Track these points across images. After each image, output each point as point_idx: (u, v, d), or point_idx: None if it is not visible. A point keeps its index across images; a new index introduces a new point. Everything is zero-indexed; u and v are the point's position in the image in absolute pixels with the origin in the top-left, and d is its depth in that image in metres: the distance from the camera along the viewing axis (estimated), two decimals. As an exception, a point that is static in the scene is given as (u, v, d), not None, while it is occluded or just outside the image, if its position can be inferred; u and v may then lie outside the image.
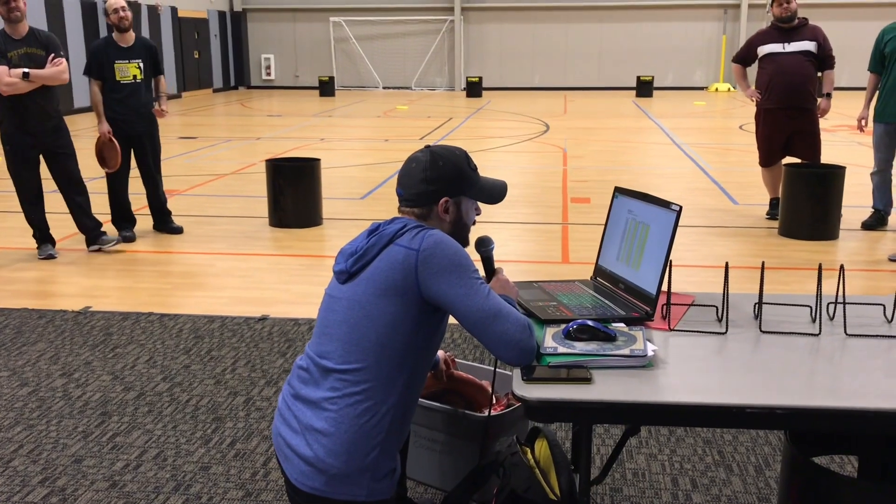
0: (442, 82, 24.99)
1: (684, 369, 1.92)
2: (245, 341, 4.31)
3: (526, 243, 6.38)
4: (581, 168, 9.80)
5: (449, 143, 2.22)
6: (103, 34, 17.94)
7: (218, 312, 4.77)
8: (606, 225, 2.53)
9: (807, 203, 6.31)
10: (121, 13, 6.17)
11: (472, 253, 2.26)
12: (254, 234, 6.64)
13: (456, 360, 2.78)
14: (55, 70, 5.62)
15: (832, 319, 2.24)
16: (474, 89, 21.73)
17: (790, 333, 2.13)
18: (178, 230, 6.66)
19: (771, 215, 6.99)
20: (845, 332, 2.13)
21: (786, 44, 6.61)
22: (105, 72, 6.19)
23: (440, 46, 24.74)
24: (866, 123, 6.71)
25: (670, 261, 2.17)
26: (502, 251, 5.96)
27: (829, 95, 6.75)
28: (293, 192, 6.82)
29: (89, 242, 6.09)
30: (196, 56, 22.41)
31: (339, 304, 2.03)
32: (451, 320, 4.23)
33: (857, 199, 7.46)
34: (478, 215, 2.22)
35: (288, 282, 5.38)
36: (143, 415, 3.48)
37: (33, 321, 4.64)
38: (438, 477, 2.75)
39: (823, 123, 7.02)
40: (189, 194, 8.28)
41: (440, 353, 2.65)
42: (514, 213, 7.28)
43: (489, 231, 6.44)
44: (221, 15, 24.15)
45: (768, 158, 6.89)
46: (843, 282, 2.23)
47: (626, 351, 1.93)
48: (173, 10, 20.98)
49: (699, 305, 2.35)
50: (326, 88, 22.27)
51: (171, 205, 6.83)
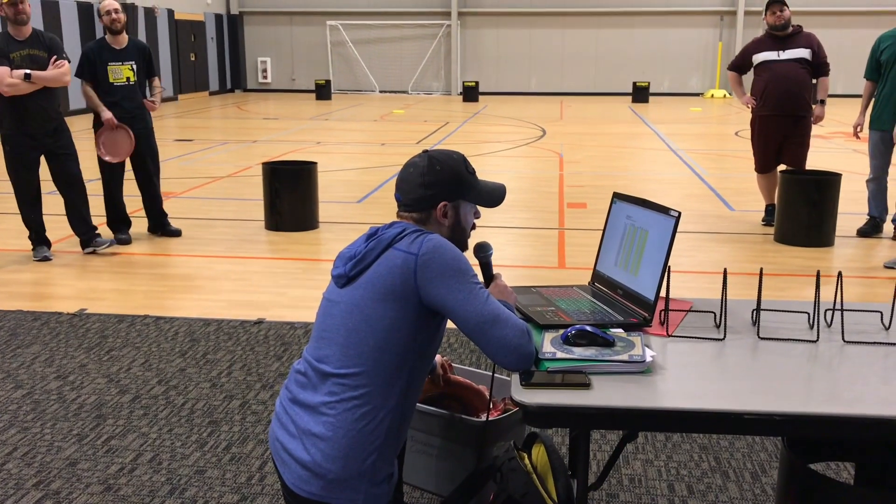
0: (438, 86, 25.02)
1: (682, 375, 1.92)
2: (241, 345, 4.30)
3: (522, 248, 6.38)
4: (577, 173, 9.81)
5: (446, 148, 2.22)
6: (100, 36, 17.92)
7: (214, 316, 4.76)
8: (605, 230, 2.53)
9: (803, 210, 6.33)
10: (113, 15, 6.18)
11: (471, 258, 2.26)
12: (250, 238, 6.63)
13: (453, 365, 2.78)
14: (57, 72, 5.62)
15: (830, 326, 2.25)
16: (471, 94, 21.76)
17: (788, 340, 2.14)
18: (177, 233, 6.65)
19: (767, 221, 7.01)
20: (843, 339, 2.14)
21: (780, 51, 6.65)
22: (98, 74, 6.19)
23: (437, 51, 24.76)
24: (862, 130, 6.74)
25: (668, 266, 2.17)
26: (499, 256, 5.96)
27: (824, 102, 6.78)
28: (289, 196, 6.81)
29: (84, 244, 6.08)
30: (192, 59, 22.39)
31: (338, 309, 2.02)
32: (449, 325, 4.22)
33: (853, 206, 7.48)
34: (477, 219, 2.22)
35: (284, 285, 5.37)
36: (139, 418, 3.46)
37: (28, 323, 4.62)
38: (435, 482, 2.74)
39: (819, 130, 7.06)
40: (185, 197, 8.27)
41: (437, 358, 2.65)
42: (511, 218, 7.28)
43: (486, 236, 6.44)
44: (218, 18, 24.15)
45: (764, 165, 6.92)
46: (841, 289, 2.23)
47: (625, 357, 1.93)
48: (170, 13, 20.97)
49: (697, 311, 2.35)
50: (323, 92, 22.27)
51: (167, 207, 6.82)
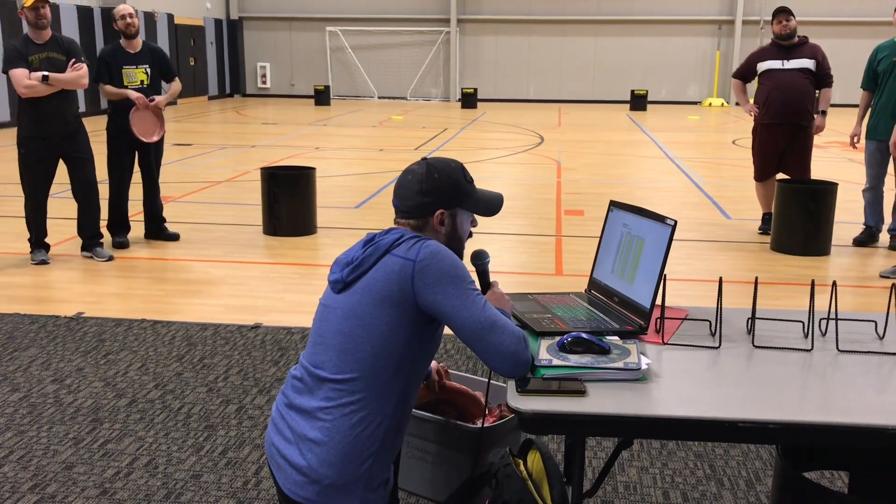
0: (437, 93, 25.05)
1: (677, 383, 1.93)
2: (238, 349, 4.30)
3: (519, 255, 6.39)
4: (575, 180, 9.83)
5: (443, 154, 2.23)
6: (100, 39, 17.93)
7: (211, 320, 4.76)
8: (601, 238, 2.54)
9: (799, 219, 6.35)
10: (128, 19, 6.23)
11: (468, 265, 2.26)
12: (248, 242, 6.63)
13: (449, 371, 2.79)
14: (75, 75, 5.64)
15: (824, 335, 2.26)
16: (469, 100, 21.79)
17: (783, 349, 2.15)
18: (175, 237, 6.65)
19: (763, 230, 7.03)
20: (837, 348, 2.15)
21: (785, 61, 6.67)
22: (113, 77, 6.22)
23: (436, 57, 24.80)
24: (858, 140, 6.76)
25: (664, 274, 2.19)
26: (495, 262, 5.97)
27: (825, 113, 6.80)
28: (288, 201, 6.82)
29: (84, 248, 6.08)
30: (192, 63, 22.41)
31: (334, 314, 2.03)
32: (447, 331, 4.23)
33: (849, 216, 7.50)
34: (474, 227, 2.23)
35: (281, 290, 5.38)
36: (135, 422, 3.47)
37: (25, 326, 4.62)
38: (430, 488, 2.74)
39: (816, 140, 7.08)
40: (183, 201, 8.28)
41: (433, 364, 2.65)
42: (508, 225, 7.30)
43: (483, 242, 6.45)
44: (218, 23, 24.18)
45: (763, 173, 6.94)
46: (836, 298, 2.24)
47: (620, 364, 1.94)
48: (170, 17, 20.99)
49: (693, 319, 2.36)
50: (322, 97, 22.29)
51: (166, 212, 6.82)
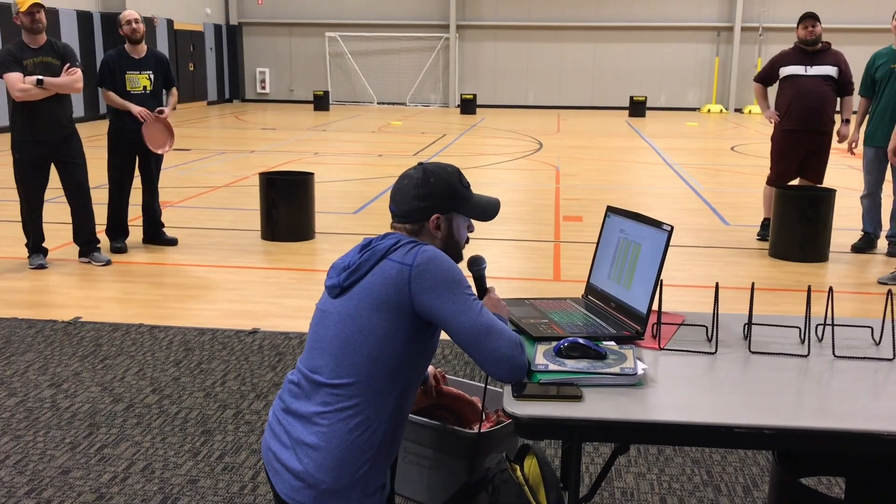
0: (436, 99, 25.08)
1: (674, 388, 1.93)
2: (235, 354, 4.30)
3: (518, 260, 6.40)
4: (573, 186, 9.84)
5: (442, 160, 2.24)
6: (99, 44, 17.95)
7: (209, 325, 4.76)
8: (598, 243, 2.54)
9: (797, 225, 6.35)
10: (133, 25, 6.26)
11: (465, 271, 2.27)
12: (246, 248, 6.63)
13: (446, 376, 2.79)
14: (69, 79, 5.64)
15: (821, 341, 2.26)
16: (468, 106, 21.81)
17: (779, 354, 2.15)
18: (173, 242, 6.66)
19: (761, 236, 7.03)
20: (833, 354, 2.15)
21: (808, 67, 6.62)
22: (116, 82, 6.23)
23: (435, 63, 24.84)
24: (856, 147, 6.77)
25: (661, 280, 2.19)
26: (494, 268, 5.97)
27: (849, 121, 6.74)
28: (286, 206, 6.83)
29: (81, 254, 6.08)
30: (191, 68, 22.44)
31: (331, 319, 2.03)
32: (443, 336, 4.23)
33: (847, 222, 7.51)
34: (471, 232, 2.23)
35: (279, 295, 5.38)
36: (132, 427, 3.46)
37: (23, 331, 4.62)
38: (427, 493, 2.74)
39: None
40: (182, 206, 8.28)
41: (430, 369, 2.65)
42: (507, 231, 7.30)
43: (481, 247, 6.45)
44: (217, 28, 24.22)
45: (780, 178, 6.84)
46: (832, 304, 2.25)
47: (617, 369, 1.94)
48: (169, 23, 21.02)
49: (689, 325, 2.36)
50: (321, 103, 22.32)
51: (164, 216, 6.82)
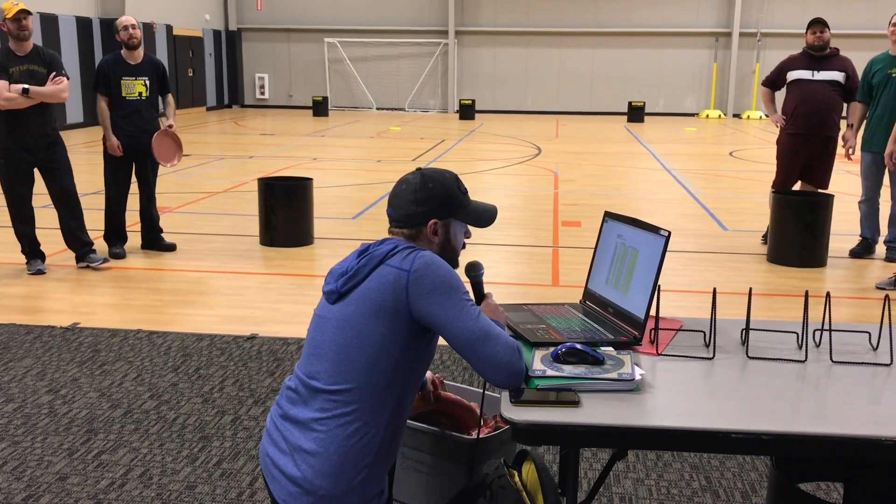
0: (435, 104, 25.10)
1: (671, 394, 1.93)
2: (233, 360, 4.30)
3: (516, 265, 6.40)
4: (572, 192, 9.85)
5: (441, 165, 2.24)
6: (98, 50, 17.96)
7: (207, 331, 4.75)
8: (596, 249, 2.54)
9: (795, 230, 6.36)
10: (130, 31, 6.27)
11: (462, 277, 2.27)
12: (244, 253, 6.63)
13: (444, 382, 2.78)
14: (55, 88, 5.64)
15: (818, 346, 2.26)
16: (467, 112, 21.83)
17: (777, 360, 2.15)
18: (171, 247, 6.66)
19: (766, 240, 7.02)
20: (831, 359, 2.15)
21: (815, 71, 6.65)
22: (111, 88, 6.24)
23: (434, 69, 24.87)
24: (853, 152, 6.78)
25: (659, 285, 2.19)
26: (492, 273, 5.97)
27: (852, 126, 6.76)
28: (285, 211, 6.83)
29: (78, 259, 6.08)
30: (190, 74, 22.46)
31: (329, 325, 2.03)
32: (441, 341, 4.23)
33: (845, 227, 7.52)
34: (468, 238, 2.24)
35: (278, 301, 5.37)
36: (130, 433, 3.46)
37: (21, 337, 4.61)
38: (425, 499, 2.74)
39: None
40: (181, 212, 8.28)
41: (428, 374, 2.65)
42: (505, 236, 7.30)
43: (480, 253, 6.46)
44: (216, 34, 24.24)
45: (785, 182, 6.90)
46: (829, 309, 2.25)
47: (614, 375, 1.94)
48: (168, 28, 21.05)
49: (687, 330, 2.36)
50: (320, 108, 22.33)
51: (163, 222, 6.83)
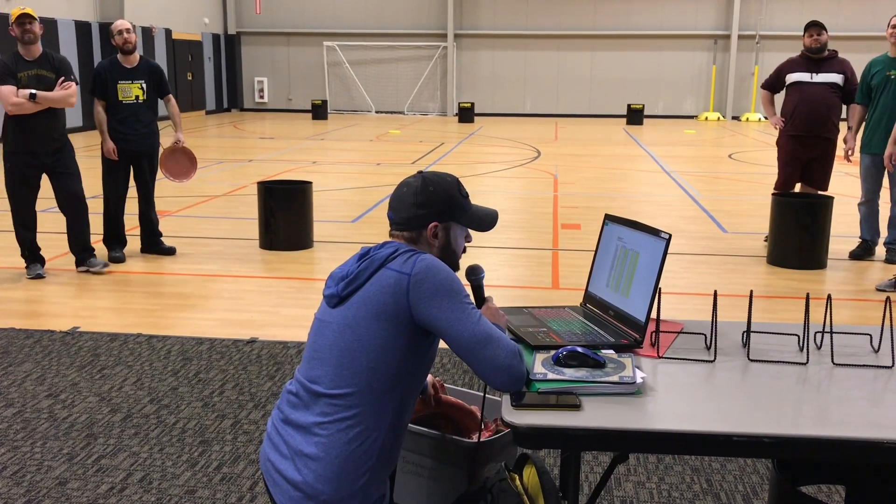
0: (434, 107, 25.12)
1: (673, 397, 1.93)
2: (233, 364, 4.29)
3: (516, 269, 6.39)
4: (572, 194, 9.85)
5: (440, 168, 2.24)
6: (98, 54, 17.97)
7: (207, 334, 4.75)
8: (596, 252, 2.54)
9: (795, 232, 6.36)
10: (125, 35, 6.27)
11: (463, 280, 2.26)
12: (244, 257, 6.63)
13: (445, 385, 2.78)
14: (63, 93, 5.63)
15: (819, 348, 2.26)
16: (466, 115, 21.85)
17: (778, 362, 2.14)
18: (171, 251, 6.65)
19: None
20: (832, 362, 2.15)
21: (814, 74, 6.71)
22: (108, 92, 6.24)
23: (433, 72, 24.89)
24: (853, 154, 6.78)
25: (659, 288, 2.19)
26: (493, 276, 5.97)
27: (852, 128, 6.76)
28: (284, 215, 6.82)
29: (78, 263, 6.07)
30: (189, 78, 22.47)
31: (330, 329, 2.03)
32: (442, 345, 4.22)
33: (845, 229, 7.52)
34: (468, 242, 2.23)
35: (278, 304, 5.37)
36: (130, 437, 3.45)
37: (20, 341, 4.61)
38: (426, 503, 2.73)
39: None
40: (180, 215, 8.27)
41: (429, 378, 2.64)
42: (505, 239, 7.30)
43: (480, 256, 6.45)
44: (215, 38, 24.26)
45: (786, 183, 6.95)
46: (831, 311, 2.25)
47: (615, 378, 1.94)
48: (167, 32, 21.06)
49: (688, 333, 2.36)
50: (319, 112, 22.35)
51: (162, 226, 6.82)
